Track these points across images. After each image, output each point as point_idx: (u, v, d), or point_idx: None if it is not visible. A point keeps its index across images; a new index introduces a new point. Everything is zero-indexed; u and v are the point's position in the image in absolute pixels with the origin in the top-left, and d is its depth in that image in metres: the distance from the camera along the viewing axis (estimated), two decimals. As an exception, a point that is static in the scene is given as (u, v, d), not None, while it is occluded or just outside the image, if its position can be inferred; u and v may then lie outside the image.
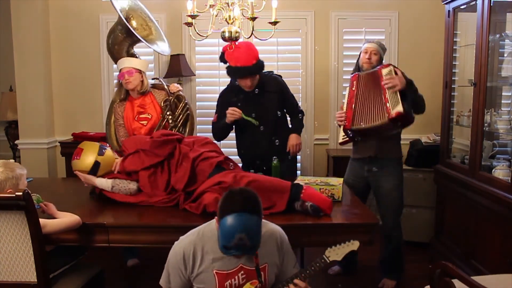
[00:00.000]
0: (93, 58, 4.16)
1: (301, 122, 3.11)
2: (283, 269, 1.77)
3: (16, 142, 4.15)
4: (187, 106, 3.06)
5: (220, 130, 2.99)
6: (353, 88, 2.77)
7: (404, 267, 2.97)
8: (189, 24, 2.54)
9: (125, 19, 3.02)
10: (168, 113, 2.97)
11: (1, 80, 4.55)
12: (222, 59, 2.83)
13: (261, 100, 2.91)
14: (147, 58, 3.37)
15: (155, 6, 3.79)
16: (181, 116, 3.02)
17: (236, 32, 2.56)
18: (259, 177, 2.26)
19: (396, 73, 2.62)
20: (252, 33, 2.61)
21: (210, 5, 2.57)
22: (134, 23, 3.20)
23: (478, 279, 1.71)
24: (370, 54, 2.79)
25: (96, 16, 4.12)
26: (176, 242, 1.70)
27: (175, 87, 3.13)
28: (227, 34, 2.56)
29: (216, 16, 2.57)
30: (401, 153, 2.92)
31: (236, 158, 3.35)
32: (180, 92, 3.09)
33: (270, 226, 1.77)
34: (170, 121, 2.97)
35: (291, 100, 3.08)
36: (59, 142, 4.06)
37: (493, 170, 2.72)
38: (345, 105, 2.84)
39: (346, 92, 2.87)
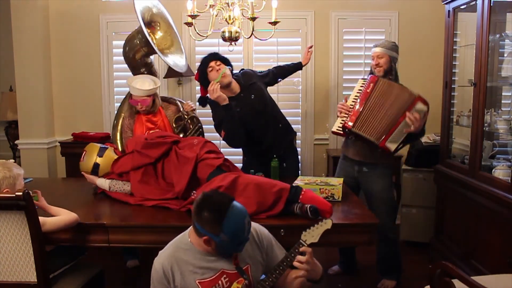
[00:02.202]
0: (93, 58, 4.16)
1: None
2: (271, 263, 1.77)
3: (16, 142, 4.16)
4: (200, 130, 3.06)
5: (230, 132, 2.81)
6: (368, 90, 2.65)
7: (402, 267, 2.97)
8: (189, 24, 2.54)
9: (147, 26, 2.99)
10: (181, 135, 2.94)
11: (1, 80, 4.55)
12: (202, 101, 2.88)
13: (252, 95, 2.89)
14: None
15: (155, 6, 3.79)
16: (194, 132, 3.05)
17: (236, 32, 2.56)
18: (258, 178, 2.23)
19: (424, 116, 2.59)
20: (252, 33, 2.61)
21: (210, 5, 2.57)
22: (159, 33, 3.19)
23: (478, 279, 1.72)
24: (377, 59, 2.76)
25: (96, 16, 4.12)
26: (155, 259, 1.69)
27: (189, 106, 3.09)
28: (227, 34, 2.56)
29: (216, 16, 2.57)
30: (391, 159, 2.90)
31: (233, 158, 3.37)
32: (194, 113, 3.09)
33: None
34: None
35: (270, 72, 3.11)
36: (59, 142, 4.06)
37: (493, 170, 2.72)
38: (350, 100, 2.74)
39: (357, 87, 2.76)
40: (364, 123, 2.63)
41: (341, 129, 2.71)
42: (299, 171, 3.27)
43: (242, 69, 3.10)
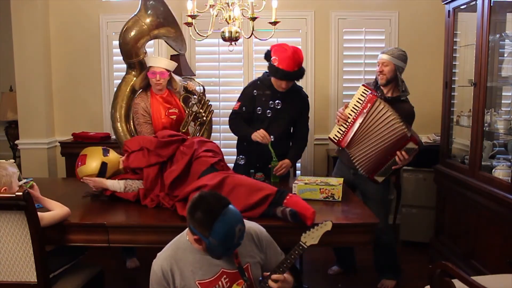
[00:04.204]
0: (93, 58, 4.16)
1: (301, 151, 3.11)
2: (268, 263, 1.77)
3: (16, 142, 4.16)
4: (210, 108, 3.09)
5: (239, 131, 3.00)
6: (365, 110, 2.60)
7: (400, 266, 2.97)
8: (189, 24, 2.54)
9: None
10: (194, 109, 3.01)
11: (1, 80, 4.56)
12: (268, 56, 2.86)
13: (282, 106, 2.90)
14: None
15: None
16: (206, 113, 3.05)
17: (236, 32, 2.55)
18: (246, 180, 2.22)
19: (414, 152, 2.59)
20: (252, 33, 2.60)
21: (210, 5, 2.57)
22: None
23: (478, 279, 1.72)
24: (382, 66, 2.73)
25: (96, 16, 4.12)
26: (154, 260, 1.69)
27: (192, 85, 3.16)
28: (227, 34, 2.56)
29: (216, 16, 2.57)
30: None
31: (231, 158, 3.38)
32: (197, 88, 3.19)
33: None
34: (203, 116, 3.02)
35: (305, 124, 3.08)
36: (59, 142, 4.06)
37: (493, 170, 2.72)
38: (349, 108, 2.69)
39: (357, 95, 2.68)
40: (357, 147, 2.67)
41: (336, 139, 2.73)
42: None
43: (307, 95, 3.08)
